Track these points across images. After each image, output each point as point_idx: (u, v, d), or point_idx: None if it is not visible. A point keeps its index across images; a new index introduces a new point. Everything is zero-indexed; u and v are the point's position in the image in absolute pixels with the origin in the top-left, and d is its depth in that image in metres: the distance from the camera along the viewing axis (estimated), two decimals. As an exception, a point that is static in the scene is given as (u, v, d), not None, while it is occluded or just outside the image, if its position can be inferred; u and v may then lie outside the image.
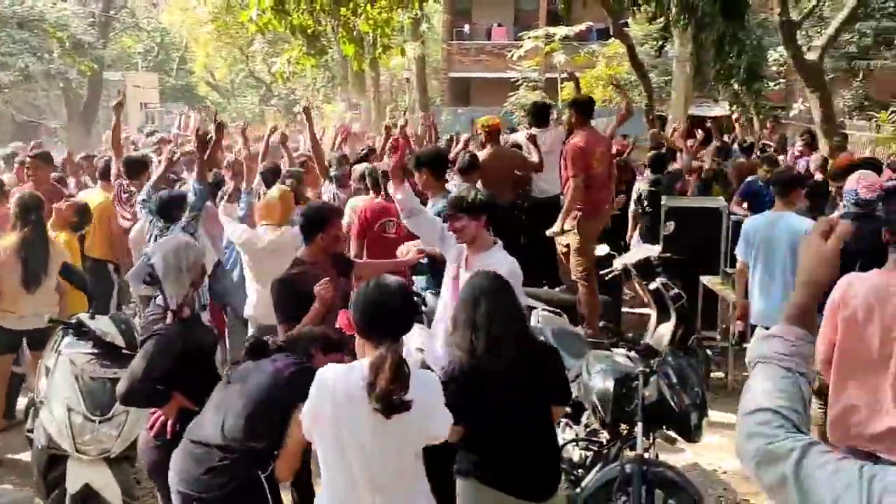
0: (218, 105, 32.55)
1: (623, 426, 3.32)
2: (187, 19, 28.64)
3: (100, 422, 3.18)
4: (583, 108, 5.50)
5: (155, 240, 4.28)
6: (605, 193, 5.55)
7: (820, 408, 3.34)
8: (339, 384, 2.14)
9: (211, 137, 4.53)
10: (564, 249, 5.68)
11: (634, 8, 10.32)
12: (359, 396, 2.09)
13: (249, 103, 33.03)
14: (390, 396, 2.04)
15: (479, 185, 5.74)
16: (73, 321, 3.51)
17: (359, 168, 5.66)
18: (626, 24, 15.64)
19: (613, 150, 6.30)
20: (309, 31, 10.74)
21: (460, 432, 2.45)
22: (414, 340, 4.03)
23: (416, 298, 4.34)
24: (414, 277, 4.66)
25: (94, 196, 5.77)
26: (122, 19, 26.67)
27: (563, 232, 5.32)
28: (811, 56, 9.59)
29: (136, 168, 5.59)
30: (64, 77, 20.15)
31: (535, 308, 4.41)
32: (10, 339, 4.42)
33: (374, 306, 2.25)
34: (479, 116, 9.25)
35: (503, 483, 2.55)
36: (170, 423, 2.82)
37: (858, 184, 3.89)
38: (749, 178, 6.54)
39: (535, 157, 6.01)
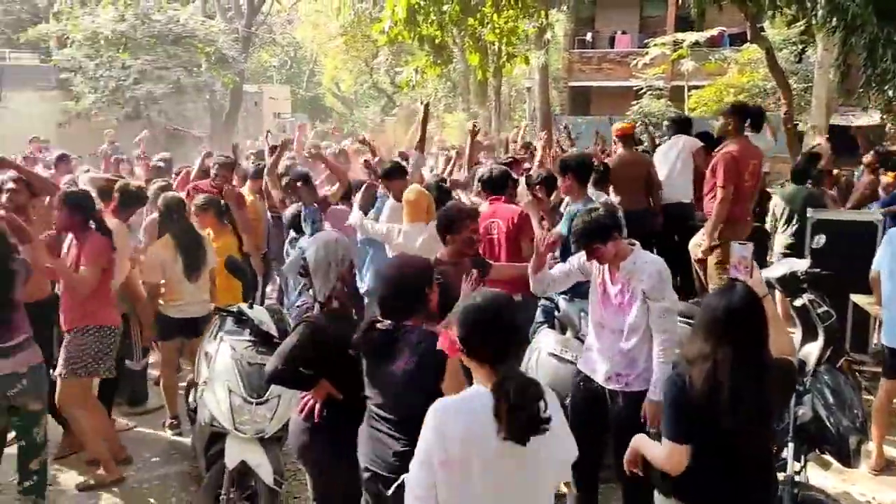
0: (342, 115, 34.06)
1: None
2: (318, 34, 30.24)
3: (256, 404, 3.39)
4: (745, 115, 5.08)
5: None
6: (746, 207, 5.31)
7: None
8: (461, 421, 1.92)
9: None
10: (701, 260, 5.47)
11: (776, 11, 9.78)
12: (488, 428, 1.89)
13: (371, 113, 34.26)
14: (522, 421, 1.87)
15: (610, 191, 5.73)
16: (234, 310, 3.78)
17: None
18: (763, 29, 14.86)
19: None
20: (436, 41, 11.03)
21: (686, 453, 2.33)
22: (545, 344, 4.03)
23: (548, 303, 4.39)
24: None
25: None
26: (262, 35, 28.45)
27: (711, 250, 5.04)
28: (979, 60, 8.69)
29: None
30: (210, 89, 21.71)
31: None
32: (172, 327, 4.79)
33: (488, 324, 2.02)
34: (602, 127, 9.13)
35: None
36: (317, 407, 2.92)
37: None
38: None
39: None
